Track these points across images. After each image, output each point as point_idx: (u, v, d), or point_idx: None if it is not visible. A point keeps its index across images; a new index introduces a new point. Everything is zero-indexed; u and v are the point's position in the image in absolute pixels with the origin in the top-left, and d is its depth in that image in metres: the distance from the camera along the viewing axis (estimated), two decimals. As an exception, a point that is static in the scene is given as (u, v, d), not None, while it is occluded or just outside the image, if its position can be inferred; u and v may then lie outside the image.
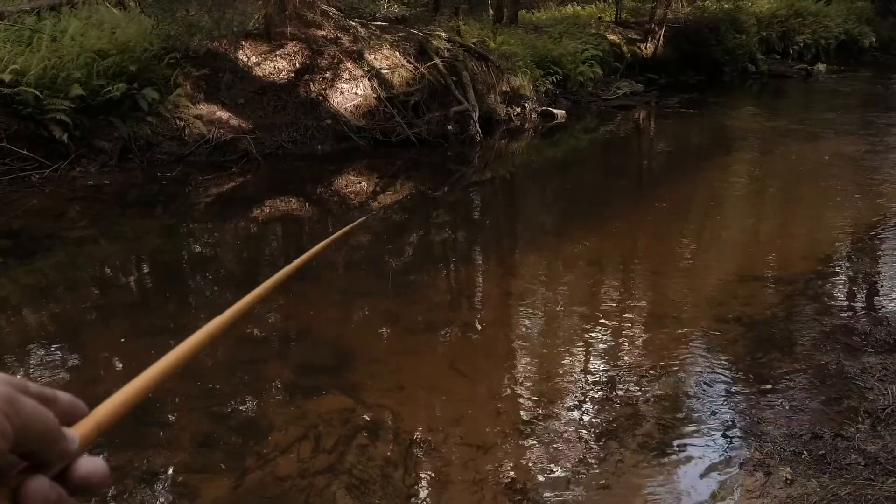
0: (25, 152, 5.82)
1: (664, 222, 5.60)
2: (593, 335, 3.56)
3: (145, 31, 7.01)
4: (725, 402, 2.77)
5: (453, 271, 4.73)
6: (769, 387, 2.86)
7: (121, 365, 3.27)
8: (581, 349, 3.41)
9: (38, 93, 5.85)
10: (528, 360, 3.35)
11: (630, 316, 3.79)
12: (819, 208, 5.83)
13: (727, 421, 2.62)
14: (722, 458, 2.39)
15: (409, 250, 5.13)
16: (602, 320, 3.74)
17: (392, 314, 3.83)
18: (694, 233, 5.40)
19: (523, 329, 3.70)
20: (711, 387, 2.91)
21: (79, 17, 7.37)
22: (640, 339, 3.46)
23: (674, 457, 2.44)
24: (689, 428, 2.61)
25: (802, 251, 4.77)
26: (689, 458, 2.42)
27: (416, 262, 4.84)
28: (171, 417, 2.79)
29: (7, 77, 5.71)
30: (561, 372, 3.16)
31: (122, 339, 3.53)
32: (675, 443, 2.52)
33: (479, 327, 3.75)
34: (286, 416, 2.80)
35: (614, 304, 3.97)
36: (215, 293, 4.24)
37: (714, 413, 2.68)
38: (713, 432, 2.56)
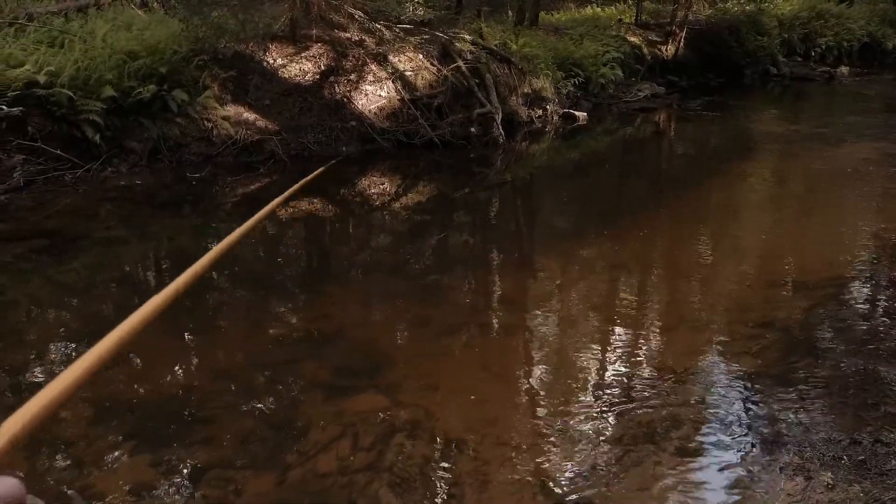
0: (59, 152, 5.94)
1: (689, 226, 5.60)
2: (624, 338, 3.58)
3: (174, 34, 7.12)
4: (762, 406, 2.79)
5: (480, 274, 4.76)
6: (804, 391, 2.87)
7: (156, 364, 3.33)
8: (613, 352, 3.43)
9: (71, 94, 5.96)
10: (561, 361, 3.37)
11: (660, 320, 3.80)
12: (847, 213, 5.80)
13: (764, 425, 2.64)
14: (761, 462, 2.40)
15: (435, 252, 5.16)
16: (632, 323, 3.76)
17: (422, 316, 3.87)
18: (718, 237, 5.39)
19: (554, 331, 3.72)
20: (747, 391, 2.92)
21: (105, 19, 7.50)
22: (673, 342, 3.48)
23: (712, 460, 2.46)
24: (727, 431, 2.63)
25: (831, 256, 4.74)
26: (728, 462, 2.44)
27: (443, 265, 4.88)
28: (213, 415, 2.85)
29: (42, 78, 5.83)
30: (594, 374, 3.18)
31: (157, 339, 3.59)
32: (713, 446, 2.53)
33: (509, 330, 3.78)
34: (324, 414, 2.84)
35: (643, 308, 3.98)
36: (248, 294, 4.30)
37: (751, 417, 2.69)
38: (751, 436, 2.57)
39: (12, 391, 3.08)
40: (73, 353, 3.47)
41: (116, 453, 2.60)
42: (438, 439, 2.69)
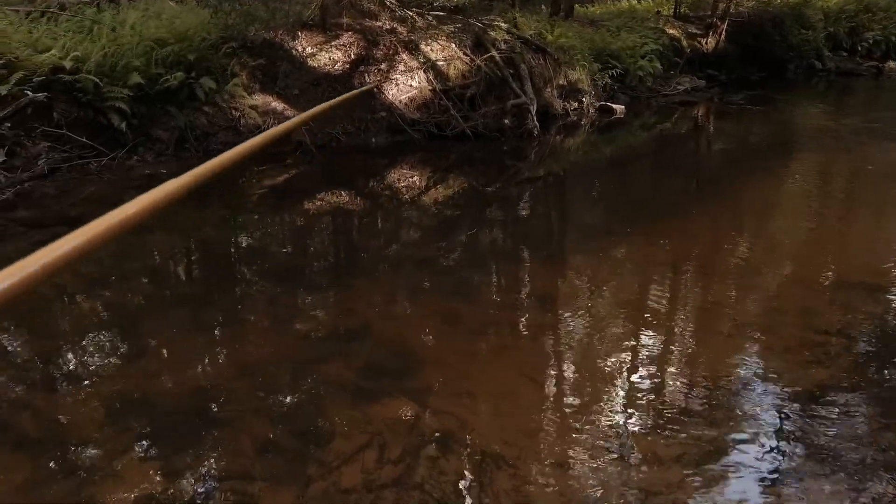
0: (84, 140, 5.82)
1: (737, 224, 5.27)
2: (675, 344, 3.30)
3: (203, 21, 6.98)
4: (842, 425, 2.49)
5: (514, 271, 4.51)
6: (889, 407, 2.56)
7: (181, 358, 3.15)
8: (664, 359, 3.15)
9: (97, 80, 5.84)
10: (606, 368, 3.10)
11: (713, 324, 3.51)
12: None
13: (847, 447, 2.34)
14: (849, 491, 2.11)
15: (466, 248, 4.92)
16: (682, 328, 3.47)
17: (454, 314, 3.63)
18: (772, 236, 5.05)
19: (596, 334, 3.45)
20: (819, 407, 2.62)
21: (137, 9, 7.41)
22: (731, 350, 3.17)
23: (791, 488, 2.17)
24: (806, 453, 2.34)
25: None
26: (809, 491, 2.15)
27: (474, 261, 4.63)
28: (232, 417, 2.65)
29: (68, 64, 5.71)
30: (646, 384, 2.91)
31: (181, 332, 3.42)
32: (791, 471, 2.25)
33: (545, 331, 3.52)
34: (349, 421, 2.63)
35: (693, 311, 3.69)
36: (272, 287, 4.11)
37: (831, 437, 2.39)
38: (834, 460, 2.28)
39: (43, 380, 2.93)
40: (107, 342, 3.32)
41: (127, 458, 2.41)
42: (473, 453, 2.45)
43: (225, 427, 2.61)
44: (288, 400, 2.80)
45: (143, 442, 2.49)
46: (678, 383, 2.91)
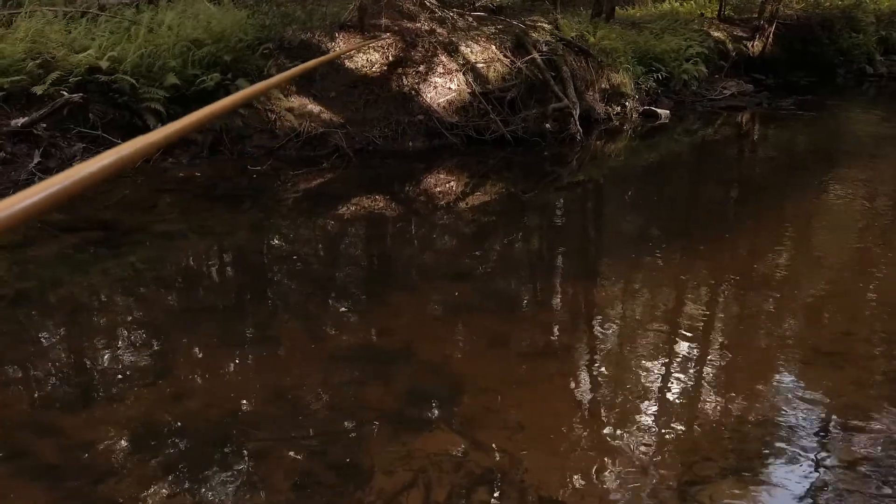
0: (120, 141, 5.72)
1: (800, 241, 4.94)
2: (749, 373, 3.02)
3: (240, 21, 6.87)
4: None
5: (559, 286, 4.26)
6: None
7: (210, 378, 2.98)
8: (740, 391, 2.88)
9: (133, 81, 5.76)
10: (669, 397, 2.85)
11: (790, 351, 3.22)
12: None
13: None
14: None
15: (508, 259, 4.69)
16: (756, 356, 3.19)
17: (500, 334, 3.40)
18: (834, 254, 4.72)
19: (652, 358, 3.19)
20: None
21: (174, 10, 7.34)
22: (815, 383, 2.88)
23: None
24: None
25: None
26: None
27: (517, 274, 4.40)
28: (264, 448, 2.46)
29: (105, 64, 5.63)
30: (721, 421, 2.64)
31: (210, 349, 3.25)
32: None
33: (599, 355, 3.28)
34: (390, 455, 2.41)
35: (765, 337, 3.40)
36: (306, 301, 3.93)
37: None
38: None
39: (63, 401, 2.79)
40: (133, 359, 3.17)
41: (150, 491, 2.23)
42: (527, 497, 2.21)
43: (257, 459, 2.42)
44: (325, 429, 2.60)
45: (169, 476, 2.31)
46: (750, 422, 2.64)
